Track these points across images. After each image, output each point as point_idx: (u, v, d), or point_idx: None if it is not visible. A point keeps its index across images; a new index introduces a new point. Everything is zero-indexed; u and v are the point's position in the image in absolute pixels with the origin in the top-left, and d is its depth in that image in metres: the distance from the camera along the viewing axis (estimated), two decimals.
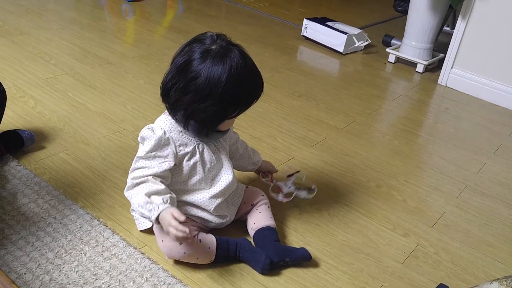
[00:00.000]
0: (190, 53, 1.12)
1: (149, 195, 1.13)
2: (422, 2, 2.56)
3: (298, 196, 1.46)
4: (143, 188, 1.14)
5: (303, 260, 1.28)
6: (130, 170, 1.20)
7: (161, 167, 1.17)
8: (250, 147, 1.47)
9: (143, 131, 1.20)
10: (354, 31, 2.88)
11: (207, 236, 1.25)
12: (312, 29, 2.94)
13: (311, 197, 1.47)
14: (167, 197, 1.14)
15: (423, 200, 1.64)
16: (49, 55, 2.31)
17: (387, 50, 2.83)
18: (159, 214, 1.10)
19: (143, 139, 1.19)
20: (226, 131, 1.25)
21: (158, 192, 1.14)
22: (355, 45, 2.85)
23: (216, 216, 1.30)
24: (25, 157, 1.57)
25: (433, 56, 2.75)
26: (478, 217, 1.59)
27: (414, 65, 2.74)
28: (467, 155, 1.95)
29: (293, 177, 1.47)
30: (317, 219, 1.48)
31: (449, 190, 1.71)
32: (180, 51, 1.15)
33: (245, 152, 1.44)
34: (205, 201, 1.26)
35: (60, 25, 2.69)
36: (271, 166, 1.52)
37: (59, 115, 1.83)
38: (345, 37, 2.78)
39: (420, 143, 2.02)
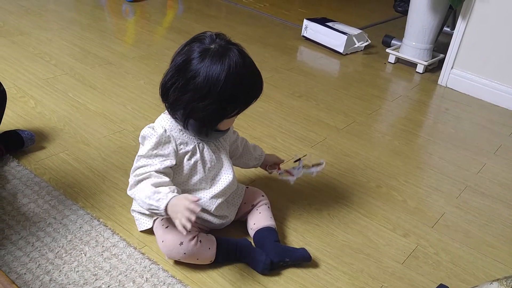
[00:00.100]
0: (189, 53, 1.12)
1: (156, 185, 1.13)
2: (422, 2, 2.56)
3: (310, 174, 1.45)
4: (149, 181, 1.14)
5: (303, 260, 1.28)
6: (131, 170, 1.20)
7: (163, 164, 1.17)
8: (251, 143, 1.47)
9: (144, 130, 1.20)
10: (354, 31, 2.88)
11: (207, 236, 1.25)
12: (312, 30, 2.94)
13: (320, 169, 1.45)
14: (174, 187, 1.15)
15: (423, 200, 1.64)
16: (49, 55, 2.31)
17: (387, 50, 2.83)
18: (168, 202, 1.10)
19: (144, 138, 1.19)
20: (226, 130, 1.24)
21: (164, 183, 1.15)
22: (355, 46, 2.85)
23: (216, 216, 1.29)
24: (25, 157, 1.57)
25: (433, 56, 2.75)
26: (478, 217, 1.59)
27: (414, 65, 2.74)
28: (467, 155, 1.95)
29: (300, 161, 1.45)
30: (317, 220, 1.48)
31: (449, 190, 1.71)
32: (179, 51, 1.16)
33: (245, 148, 1.43)
34: (205, 201, 1.26)
35: (60, 26, 2.69)
36: (276, 158, 1.50)
37: (59, 115, 1.83)
38: (345, 37, 2.78)
39: (420, 144, 2.02)
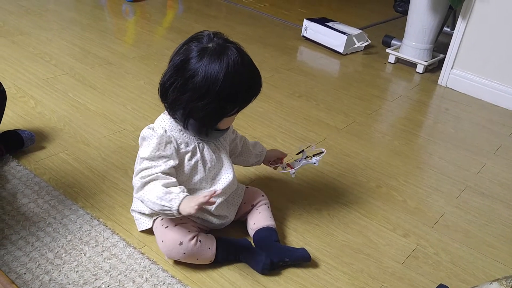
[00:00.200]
0: (187, 52, 1.12)
1: (167, 186, 1.13)
2: (422, 2, 2.56)
3: (312, 164, 1.42)
4: (158, 182, 1.14)
5: (302, 260, 1.28)
6: (135, 173, 1.19)
7: (167, 164, 1.16)
8: (252, 140, 1.46)
9: (144, 131, 1.19)
10: (354, 31, 2.88)
11: (207, 236, 1.25)
12: (312, 30, 2.94)
13: (320, 158, 1.42)
14: (183, 187, 1.15)
15: (423, 200, 1.64)
16: (49, 55, 2.31)
17: (387, 50, 2.83)
18: (180, 202, 1.10)
19: (144, 139, 1.19)
20: (226, 129, 1.24)
21: (173, 184, 1.15)
22: (355, 46, 2.85)
23: (216, 216, 1.29)
24: (25, 157, 1.57)
25: (433, 56, 2.75)
26: (478, 217, 1.59)
27: (414, 65, 2.74)
28: (467, 155, 1.95)
29: (304, 153, 1.43)
30: (317, 220, 1.47)
31: (449, 190, 1.71)
32: (177, 51, 1.15)
33: (244, 146, 1.43)
34: None
35: (60, 26, 2.70)
36: (279, 152, 1.48)
37: (59, 115, 1.83)
38: (345, 37, 2.78)
39: (420, 144, 2.02)
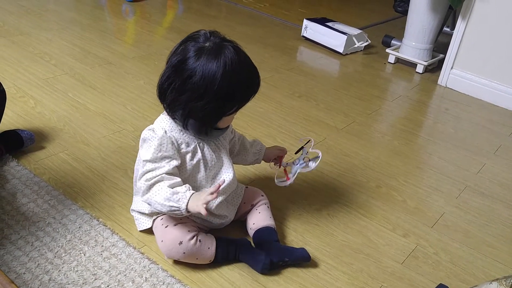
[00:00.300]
0: (184, 52, 1.12)
1: (173, 186, 1.14)
2: (422, 2, 2.56)
3: (309, 171, 1.38)
4: (163, 183, 1.14)
5: (302, 260, 1.28)
6: (139, 176, 1.18)
7: (171, 164, 1.17)
8: (250, 139, 1.45)
9: (144, 133, 1.19)
10: (354, 31, 2.88)
11: (207, 236, 1.25)
12: (312, 30, 2.94)
13: (317, 164, 1.38)
14: (188, 185, 1.16)
15: (423, 200, 1.64)
16: (49, 55, 2.31)
17: (387, 50, 2.83)
18: (188, 200, 1.11)
19: (144, 140, 1.19)
20: (226, 128, 1.25)
21: (178, 183, 1.15)
22: (355, 46, 2.85)
23: (216, 216, 1.29)
24: (24, 157, 1.57)
25: (433, 56, 2.75)
26: (478, 217, 1.59)
27: (414, 65, 2.74)
28: (467, 155, 1.95)
29: (303, 150, 1.41)
30: (316, 219, 1.47)
31: (449, 190, 1.71)
32: (174, 51, 1.15)
33: (242, 145, 1.42)
34: None
35: (60, 26, 2.70)
36: (277, 150, 1.45)
37: (59, 115, 1.83)
38: (345, 37, 2.78)
39: (420, 144, 2.02)
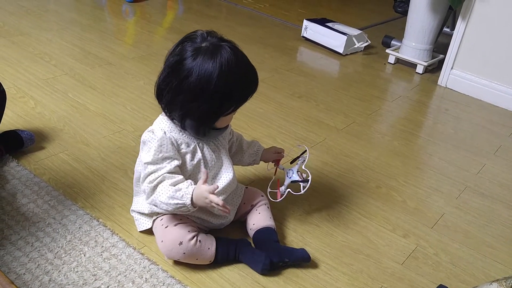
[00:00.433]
0: (181, 53, 1.12)
1: (174, 184, 1.15)
2: (422, 3, 2.56)
3: (296, 194, 1.35)
4: (165, 183, 1.15)
5: (302, 261, 1.28)
6: (141, 179, 1.19)
7: (172, 164, 1.17)
8: (249, 139, 1.45)
9: (144, 135, 1.20)
10: (354, 32, 2.88)
11: (207, 236, 1.25)
12: (312, 30, 2.94)
13: (306, 189, 1.34)
14: (190, 181, 1.17)
15: (423, 201, 1.64)
16: (49, 55, 2.31)
17: (387, 51, 2.83)
18: (191, 195, 1.12)
19: (144, 143, 1.19)
20: (224, 128, 1.25)
21: (180, 181, 1.17)
22: (355, 46, 2.85)
23: (215, 216, 1.30)
24: (24, 158, 1.57)
25: (433, 57, 2.75)
26: (478, 218, 1.59)
27: (414, 66, 2.74)
28: (467, 156, 1.95)
29: (299, 160, 1.39)
30: (316, 220, 1.47)
31: (449, 191, 1.71)
32: (172, 51, 1.16)
33: (239, 146, 1.42)
34: None
35: (60, 26, 2.70)
36: (274, 153, 1.43)
37: (59, 116, 1.83)
38: (345, 38, 2.78)
39: (419, 144, 2.02)
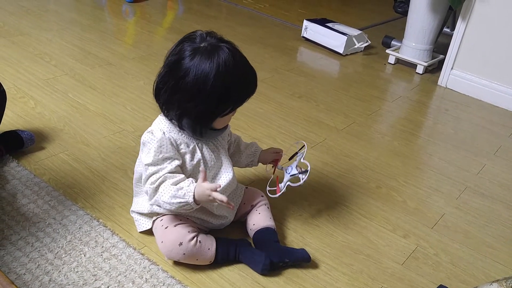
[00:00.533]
0: (180, 52, 1.13)
1: (176, 183, 1.15)
2: (422, 3, 2.56)
3: (299, 186, 1.33)
4: (167, 183, 1.15)
5: (302, 261, 1.28)
6: (143, 181, 1.19)
7: (173, 164, 1.17)
8: (251, 141, 1.45)
9: (144, 136, 1.20)
10: (354, 32, 2.88)
11: (207, 237, 1.24)
12: (312, 30, 2.94)
13: (306, 177, 1.32)
14: (192, 179, 1.18)
15: (423, 201, 1.64)
16: (49, 55, 2.31)
17: (387, 51, 2.83)
18: (193, 193, 1.13)
19: (144, 144, 1.19)
20: (223, 129, 1.25)
21: (181, 180, 1.17)
22: (355, 46, 2.85)
23: (215, 217, 1.30)
24: (25, 158, 1.57)
25: (433, 57, 2.75)
26: (478, 218, 1.59)
27: (414, 66, 2.74)
28: (467, 156, 1.95)
29: (297, 156, 1.38)
30: (316, 220, 1.47)
31: (449, 191, 1.71)
32: (171, 51, 1.16)
33: (236, 147, 1.42)
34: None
35: (60, 26, 2.70)
36: (272, 154, 1.42)
37: (59, 116, 1.83)
38: (345, 38, 2.78)
39: (420, 144, 2.02)
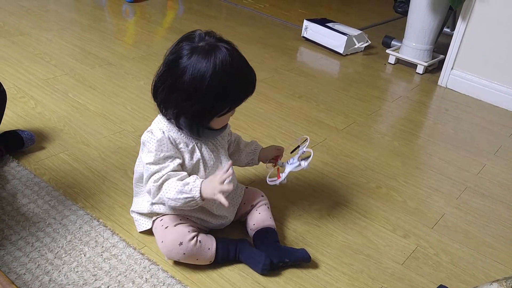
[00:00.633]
0: (178, 52, 1.13)
1: (182, 179, 1.16)
2: (422, 3, 2.56)
3: (298, 169, 1.30)
4: (172, 179, 1.15)
5: (302, 261, 1.28)
6: (145, 180, 1.19)
7: (175, 163, 1.18)
8: (249, 140, 1.45)
9: (144, 136, 1.20)
10: (354, 32, 2.88)
11: (207, 237, 1.24)
12: (312, 30, 2.94)
13: (308, 162, 1.30)
14: (196, 176, 1.18)
15: (423, 201, 1.64)
16: (50, 55, 2.31)
17: (387, 51, 2.83)
18: (200, 188, 1.13)
19: (144, 144, 1.19)
20: (221, 129, 1.24)
21: (185, 176, 1.17)
22: (355, 46, 2.85)
23: (215, 216, 1.30)
24: (25, 158, 1.57)
25: (433, 57, 2.75)
26: (478, 218, 1.59)
27: (414, 66, 2.74)
28: (467, 156, 1.95)
29: (299, 149, 1.36)
30: (317, 220, 1.47)
31: (449, 191, 1.71)
32: (170, 50, 1.16)
33: (236, 146, 1.42)
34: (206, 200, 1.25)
35: (60, 26, 2.70)
36: (274, 150, 1.40)
37: (59, 116, 1.83)
38: (345, 38, 2.78)
39: (420, 144, 2.02)
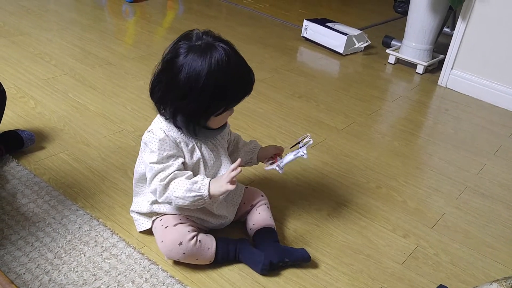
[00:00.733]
0: (175, 51, 1.13)
1: (189, 178, 1.16)
2: (422, 3, 2.56)
3: (301, 157, 1.28)
4: (180, 178, 1.16)
5: (302, 261, 1.28)
6: (149, 179, 1.19)
7: (178, 161, 1.18)
8: (248, 139, 1.44)
9: (145, 136, 1.20)
10: (354, 32, 2.88)
11: (207, 236, 1.24)
12: (312, 30, 2.94)
13: (307, 147, 1.29)
14: (202, 175, 1.19)
15: (423, 201, 1.64)
16: (50, 55, 2.31)
17: (387, 51, 2.83)
18: (208, 187, 1.14)
19: (146, 144, 1.20)
20: (221, 128, 1.24)
21: (192, 175, 1.18)
22: (355, 46, 2.85)
23: (215, 216, 1.30)
24: (25, 158, 1.57)
25: (433, 57, 2.75)
26: (478, 218, 1.59)
27: (414, 66, 2.74)
28: (467, 156, 1.95)
29: (299, 145, 1.32)
30: (316, 220, 1.47)
31: (449, 191, 1.71)
32: (167, 49, 1.16)
33: (235, 146, 1.41)
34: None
35: (60, 26, 2.70)
36: (274, 148, 1.39)
37: (59, 116, 1.83)
38: (345, 38, 2.78)
39: (420, 144, 2.02)
